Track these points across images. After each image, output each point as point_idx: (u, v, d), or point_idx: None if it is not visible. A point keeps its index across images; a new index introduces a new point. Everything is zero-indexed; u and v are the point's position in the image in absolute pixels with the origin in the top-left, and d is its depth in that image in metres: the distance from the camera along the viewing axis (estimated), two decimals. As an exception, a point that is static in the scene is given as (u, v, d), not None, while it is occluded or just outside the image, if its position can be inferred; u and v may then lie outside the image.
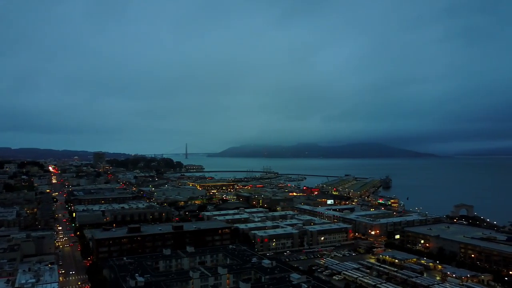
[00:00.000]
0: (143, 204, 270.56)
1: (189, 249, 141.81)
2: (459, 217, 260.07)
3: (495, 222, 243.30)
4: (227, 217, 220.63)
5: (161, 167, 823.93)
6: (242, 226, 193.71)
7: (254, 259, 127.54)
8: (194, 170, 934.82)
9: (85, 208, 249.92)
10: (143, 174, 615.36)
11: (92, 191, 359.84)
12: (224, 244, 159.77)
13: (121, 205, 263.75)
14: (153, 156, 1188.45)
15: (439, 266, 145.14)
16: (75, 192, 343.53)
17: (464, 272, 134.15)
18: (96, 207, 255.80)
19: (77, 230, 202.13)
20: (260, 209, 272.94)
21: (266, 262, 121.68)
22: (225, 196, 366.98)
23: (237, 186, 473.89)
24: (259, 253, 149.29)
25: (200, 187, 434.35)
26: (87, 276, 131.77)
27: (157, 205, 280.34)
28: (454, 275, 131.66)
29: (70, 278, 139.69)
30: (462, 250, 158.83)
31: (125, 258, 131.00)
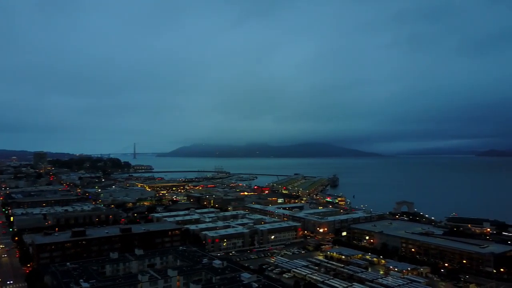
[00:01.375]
0: (89, 207, 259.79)
1: (138, 252, 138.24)
2: (401, 214, 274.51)
3: (433, 218, 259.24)
4: (178, 218, 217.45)
5: (108, 168, 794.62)
6: (192, 227, 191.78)
7: (205, 260, 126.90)
8: (143, 170, 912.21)
9: (24, 212, 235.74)
10: (88, 175, 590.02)
11: (32, 193, 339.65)
12: (174, 246, 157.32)
13: (65, 208, 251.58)
14: (99, 156, 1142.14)
15: (383, 261, 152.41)
16: (13, 195, 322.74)
17: (405, 266, 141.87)
18: (36, 210, 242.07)
19: (15, 235, 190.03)
20: (211, 209, 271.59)
21: (217, 262, 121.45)
22: (175, 197, 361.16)
23: (188, 186, 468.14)
24: (210, 253, 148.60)
25: (149, 188, 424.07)
26: (26, 284, 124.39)
27: (104, 207, 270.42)
28: (396, 269, 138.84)
29: (8, 287, 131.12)
30: (403, 245, 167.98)
31: (68, 263, 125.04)
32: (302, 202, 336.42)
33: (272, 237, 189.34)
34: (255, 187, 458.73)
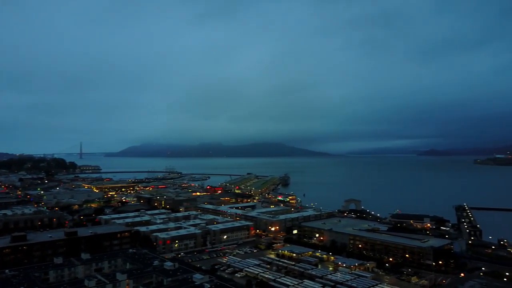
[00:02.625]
0: (30, 210, 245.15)
1: (84, 256, 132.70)
2: (349, 211, 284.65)
3: (378, 215, 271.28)
4: (127, 220, 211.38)
5: (52, 168, 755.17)
6: (143, 228, 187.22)
7: (156, 262, 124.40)
8: (90, 171, 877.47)
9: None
10: (30, 176, 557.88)
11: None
12: (123, 249, 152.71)
13: (3, 211, 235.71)
14: (42, 156, 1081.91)
15: (332, 257, 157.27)
16: None
17: (352, 261, 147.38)
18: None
19: None
20: (163, 210, 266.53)
21: (168, 264, 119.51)
22: (124, 198, 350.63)
23: (138, 187, 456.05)
24: (161, 255, 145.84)
25: (96, 189, 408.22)
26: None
27: (47, 210, 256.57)
28: (344, 265, 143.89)
29: None
30: (351, 241, 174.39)
31: (7, 270, 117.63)
32: (255, 201, 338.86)
33: (225, 237, 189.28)
34: (208, 187, 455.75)
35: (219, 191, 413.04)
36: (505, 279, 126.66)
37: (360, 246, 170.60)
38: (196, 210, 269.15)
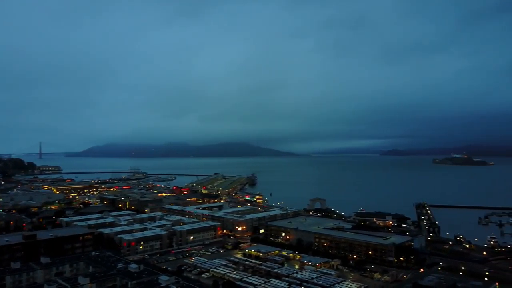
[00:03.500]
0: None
1: (44, 260, 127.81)
2: (314, 210, 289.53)
3: (343, 213, 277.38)
4: (90, 222, 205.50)
5: (9, 169, 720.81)
6: (107, 230, 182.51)
7: (120, 265, 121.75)
8: (50, 171, 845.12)
9: None
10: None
11: None
12: (86, 252, 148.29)
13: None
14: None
15: (298, 256, 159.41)
16: None
17: (318, 260, 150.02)
18: None
19: None
20: (127, 211, 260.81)
21: (133, 266, 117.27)
22: (87, 200, 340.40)
23: (101, 188, 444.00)
24: (126, 257, 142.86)
25: (57, 190, 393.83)
26: None
27: (4, 213, 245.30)
28: (310, 263, 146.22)
29: None
30: (317, 240, 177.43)
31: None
32: (222, 201, 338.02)
33: (191, 237, 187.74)
34: (174, 187, 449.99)
35: (186, 192, 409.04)
36: (461, 273, 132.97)
37: (325, 244, 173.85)
38: (161, 211, 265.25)
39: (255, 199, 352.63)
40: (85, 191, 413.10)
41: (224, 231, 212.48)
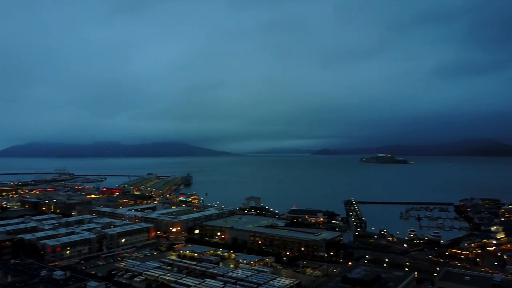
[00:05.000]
0: None
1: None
2: (249, 209, 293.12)
3: (277, 211, 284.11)
4: (9, 227, 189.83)
5: None
6: (28, 236, 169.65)
7: (44, 272, 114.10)
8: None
9: None
10: None
11: None
12: (4, 260, 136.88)
13: None
14: None
15: (233, 255, 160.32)
16: None
17: (253, 258, 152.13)
18: None
19: None
20: (52, 215, 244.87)
21: (58, 273, 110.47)
22: (5, 203, 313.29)
23: (22, 190, 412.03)
24: (50, 264, 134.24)
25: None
26: None
27: None
28: (244, 261, 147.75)
29: None
30: (252, 238, 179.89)
31: None
32: (155, 202, 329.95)
33: (123, 240, 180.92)
34: (104, 189, 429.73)
35: (117, 193, 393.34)
36: (384, 265, 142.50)
37: (260, 242, 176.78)
38: (91, 213, 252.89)
39: (190, 199, 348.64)
40: (3, 194, 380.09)
41: (158, 232, 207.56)
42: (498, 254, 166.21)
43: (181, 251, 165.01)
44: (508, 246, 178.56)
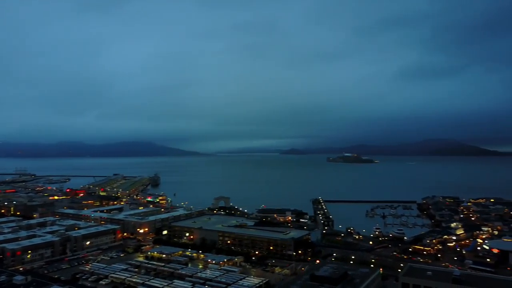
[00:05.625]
0: None
1: None
2: (218, 208, 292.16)
3: (246, 211, 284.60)
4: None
5: None
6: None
7: (3, 277, 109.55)
8: None
9: None
10: None
11: None
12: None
13: None
14: None
15: (202, 255, 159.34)
16: None
17: (222, 258, 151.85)
18: None
19: None
20: (12, 217, 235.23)
21: (18, 278, 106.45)
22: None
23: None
24: (10, 269, 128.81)
25: None
26: None
27: None
28: (214, 262, 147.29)
29: None
30: (221, 238, 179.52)
31: None
32: (122, 203, 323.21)
33: (88, 243, 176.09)
34: (68, 190, 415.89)
35: (81, 194, 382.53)
36: (351, 262, 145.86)
37: (229, 242, 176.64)
38: (53, 215, 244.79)
39: (158, 200, 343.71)
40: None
41: (125, 234, 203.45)
42: (458, 249, 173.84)
43: (149, 253, 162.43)
44: (467, 241, 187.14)
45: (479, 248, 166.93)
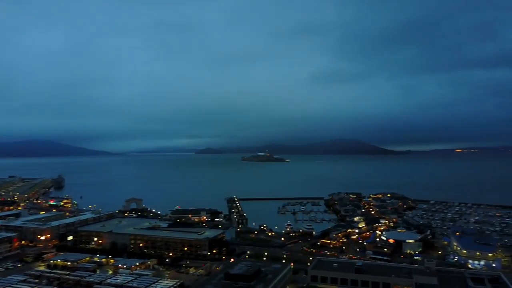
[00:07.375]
0: None
1: None
2: (130, 211, 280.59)
3: (159, 212, 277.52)
4: None
5: None
6: None
7: None
8: None
9: None
10: None
11: None
12: None
13: None
14: None
15: (112, 260, 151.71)
16: None
17: (133, 261, 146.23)
18: None
19: None
20: None
21: None
22: None
23: None
24: None
25: None
26: None
27: None
28: (125, 266, 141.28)
29: None
30: (132, 241, 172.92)
31: None
32: (20, 208, 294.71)
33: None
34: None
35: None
36: (264, 259, 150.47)
37: (141, 245, 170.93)
38: None
39: (62, 203, 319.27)
40: None
41: (23, 242, 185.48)
42: (360, 241, 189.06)
43: (52, 261, 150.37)
44: (368, 234, 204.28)
45: (378, 239, 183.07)
